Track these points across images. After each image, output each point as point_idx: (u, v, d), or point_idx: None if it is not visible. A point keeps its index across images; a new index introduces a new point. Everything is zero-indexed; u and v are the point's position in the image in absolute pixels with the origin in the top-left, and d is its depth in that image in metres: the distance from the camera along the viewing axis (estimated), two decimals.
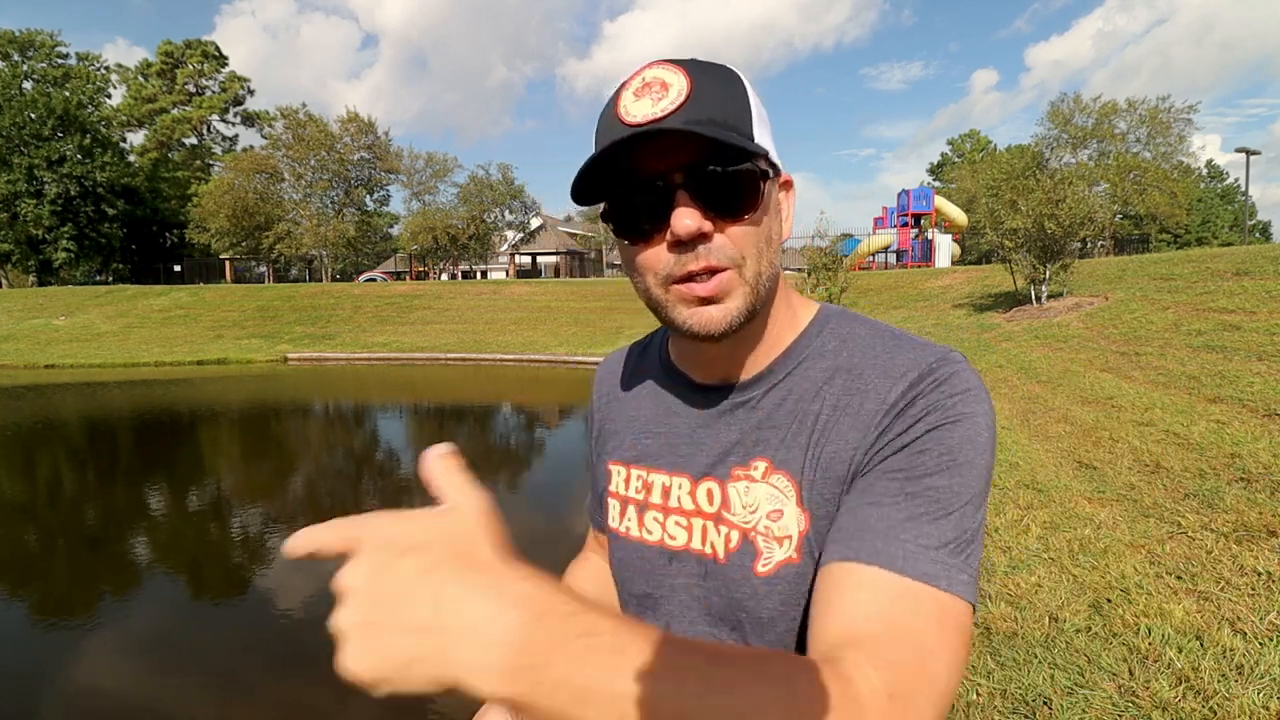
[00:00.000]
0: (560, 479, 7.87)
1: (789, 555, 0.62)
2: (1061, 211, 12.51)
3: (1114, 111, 32.20)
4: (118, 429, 10.83)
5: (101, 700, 3.36)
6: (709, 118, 0.56)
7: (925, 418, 0.58)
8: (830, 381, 0.64)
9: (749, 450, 0.66)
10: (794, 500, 0.62)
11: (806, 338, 0.68)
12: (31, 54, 42.34)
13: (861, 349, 0.65)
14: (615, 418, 0.80)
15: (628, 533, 0.74)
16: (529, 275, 46.17)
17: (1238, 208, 56.25)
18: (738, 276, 0.60)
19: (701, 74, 0.59)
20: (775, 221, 0.64)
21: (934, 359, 0.61)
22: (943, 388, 0.59)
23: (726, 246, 0.59)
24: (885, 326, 0.68)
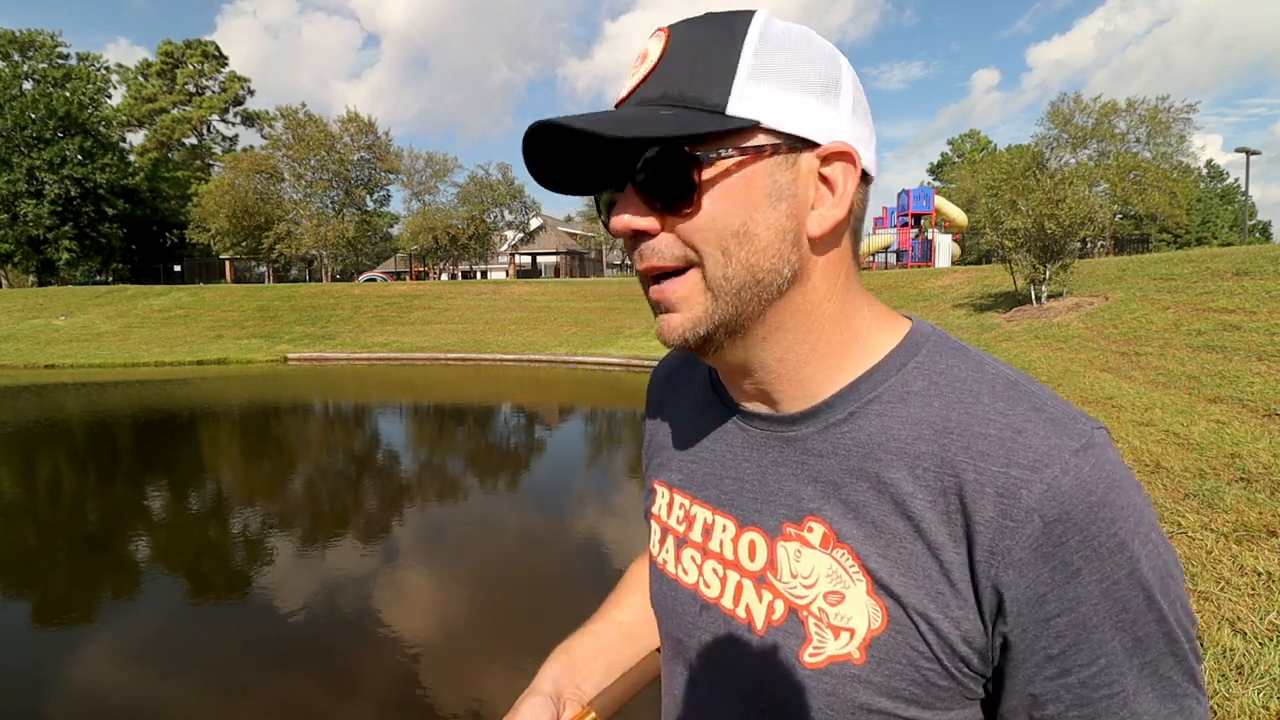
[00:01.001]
0: (561, 479, 7.87)
1: (847, 652, 0.50)
2: (1061, 211, 12.51)
3: (1114, 111, 32.21)
4: (117, 429, 10.82)
5: (102, 697, 3.35)
6: (661, 93, 0.49)
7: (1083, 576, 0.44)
8: (917, 442, 0.50)
9: (800, 505, 0.54)
10: (864, 588, 0.50)
11: (883, 371, 0.54)
12: (32, 54, 42.35)
13: (964, 403, 0.50)
14: (663, 429, 0.72)
15: (664, 566, 0.66)
16: (529, 275, 46.18)
17: (1238, 208, 56.28)
18: (698, 279, 0.51)
19: (685, 34, 0.50)
20: (761, 212, 0.50)
21: (1074, 447, 0.46)
22: (1098, 514, 0.44)
23: (672, 245, 0.51)
24: (995, 367, 0.52)
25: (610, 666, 0.71)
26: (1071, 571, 0.44)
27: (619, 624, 0.76)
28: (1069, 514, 0.44)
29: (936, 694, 0.48)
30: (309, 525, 6.08)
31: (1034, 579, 0.45)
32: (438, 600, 4.60)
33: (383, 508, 6.63)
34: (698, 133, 0.47)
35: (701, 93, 0.48)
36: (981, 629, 0.47)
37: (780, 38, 0.50)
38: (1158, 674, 0.46)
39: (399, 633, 3.99)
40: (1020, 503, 0.45)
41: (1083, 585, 0.44)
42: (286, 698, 3.39)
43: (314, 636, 3.98)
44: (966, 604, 0.47)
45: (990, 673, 0.48)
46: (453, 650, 3.79)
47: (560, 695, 0.66)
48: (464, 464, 8.59)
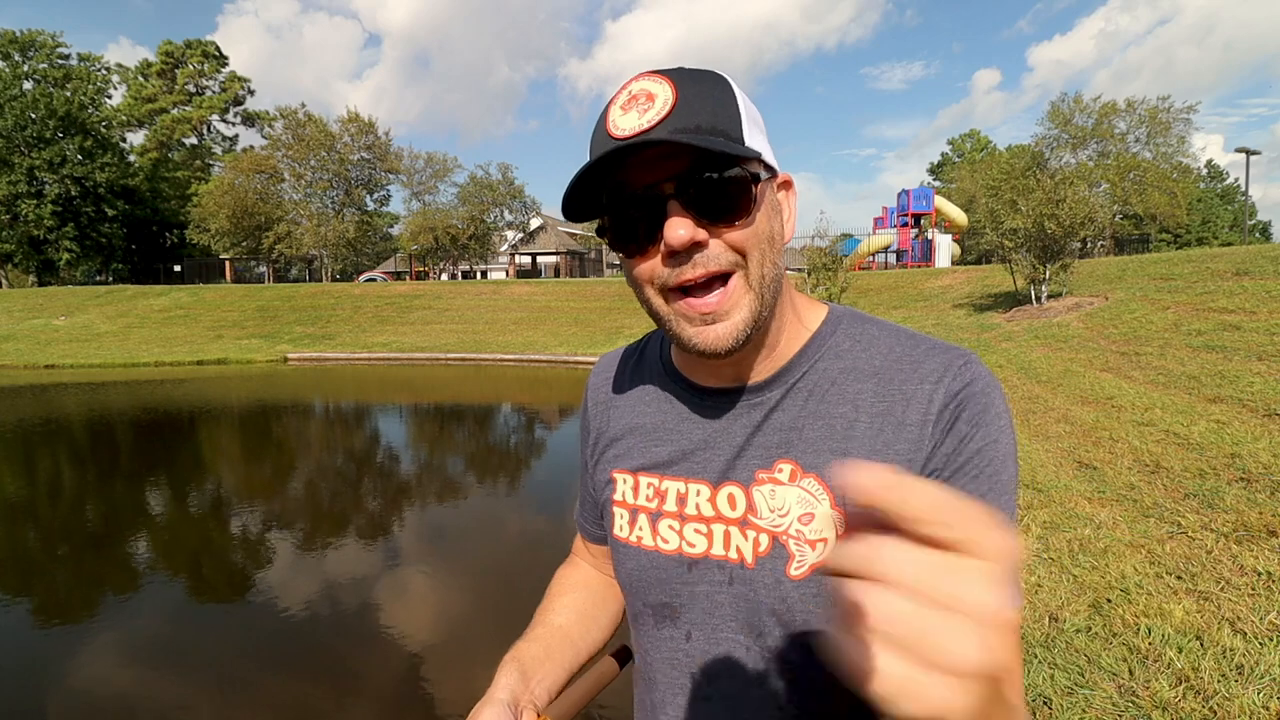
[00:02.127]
0: (560, 479, 7.87)
1: (824, 558, 0.61)
2: (1061, 211, 12.52)
3: (1114, 112, 32.19)
4: (117, 429, 10.83)
5: (103, 697, 3.35)
6: (695, 125, 0.57)
7: (972, 435, 0.60)
8: (856, 384, 0.64)
9: (770, 453, 0.65)
10: (828, 503, 0.61)
11: (819, 338, 0.68)
12: (32, 54, 42.32)
13: (882, 351, 0.65)
14: (615, 424, 0.78)
15: (639, 542, 0.72)
16: (529, 275, 46.15)
17: (1238, 208, 56.25)
18: (742, 282, 0.60)
19: (687, 82, 0.59)
20: (775, 222, 0.63)
21: (959, 362, 0.63)
22: (978, 399, 0.61)
23: (724, 252, 0.59)
24: (895, 326, 0.68)
25: (558, 668, 0.77)
26: (963, 436, 0.60)
27: (558, 628, 0.82)
28: (962, 401, 0.61)
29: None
30: (309, 525, 6.08)
31: (946, 451, 0.60)
32: (436, 600, 4.60)
33: (382, 508, 6.63)
34: (748, 157, 0.58)
35: (727, 128, 0.58)
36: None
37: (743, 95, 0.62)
38: (1010, 511, 0.61)
39: (397, 632, 3.99)
40: (934, 404, 0.61)
41: (971, 443, 0.60)
42: (286, 697, 3.39)
43: (313, 636, 3.98)
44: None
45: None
46: (452, 650, 3.79)
47: (517, 702, 0.71)
48: (464, 464, 8.59)
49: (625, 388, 0.79)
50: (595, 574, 0.90)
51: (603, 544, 0.86)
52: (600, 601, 0.87)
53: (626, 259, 0.63)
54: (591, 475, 0.82)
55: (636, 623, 0.74)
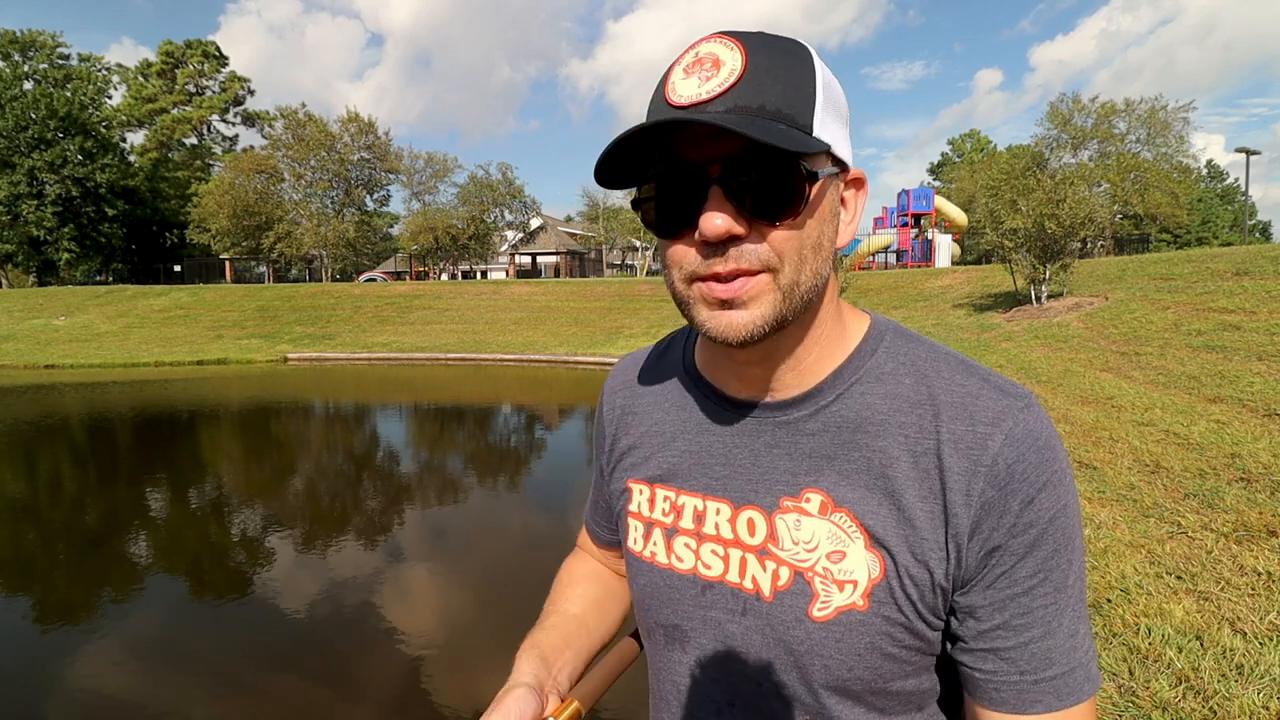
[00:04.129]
0: (560, 478, 7.87)
1: (852, 601, 0.56)
2: (1062, 211, 12.51)
3: (1113, 112, 32.22)
4: (117, 429, 10.83)
5: (103, 696, 3.35)
6: (759, 105, 0.51)
7: (1038, 501, 0.54)
8: (899, 414, 0.58)
9: (798, 479, 0.60)
10: (862, 544, 0.56)
11: (860, 356, 0.61)
12: (33, 54, 42.33)
13: (927, 379, 0.59)
14: (632, 430, 0.73)
15: (653, 558, 0.68)
16: (529, 275, 46.15)
17: (1238, 208, 56.26)
18: (770, 282, 0.54)
19: (761, 51, 0.53)
20: (828, 226, 0.56)
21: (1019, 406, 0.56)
22: (1043, 454, 0.55)
23: (760, 250, 0.53)
24: (944, 350, 0.62)
25: (576, 656, 0.75)
26: (1028, 500, 0.54)
27: (574, 616, 0.80)
28: (1024, 455, 0.54)
29: (924, 626, 0.56)
30: (308, 525, 6.07)
31: (1001, 510, 0.54)
32: (437, 599, 4.60)
33: (382, 508, 6.63)
34: (810, 151, 0.52)
35: (795, 113, 0.52)
36: (958, 561, 0.55)
37: (831, 75, 0.56)
38: (1079, 596, 0.55)
39: (398, 632, 3.99)
40: (986, 451, 0.54)
41: (1036, 510, 0.54)
42: (286, 697, 3.39)
43: (313, 636, 3.98)
44: (943, 544, 0.55)
45: (957, 597, 0.56)
46: (451, 650, 3.79)
47: (541, 686, 0.68)
48: (464, 464, 8.59)
49: (645, 390, 0.75)
50: (599, 566, 0.89)
51: (612, 549, 0.85)
52: (610, 593, 0.85)
53: (659, 237, 0.58)
54: (607, 482, 0.78)
55: (649, 639, 0.71)
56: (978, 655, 0.55)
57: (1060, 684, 0.54)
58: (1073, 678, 0.54)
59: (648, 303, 23.40)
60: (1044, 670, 0.54)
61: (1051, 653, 0.54)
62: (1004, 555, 0.54)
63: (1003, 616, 0.54)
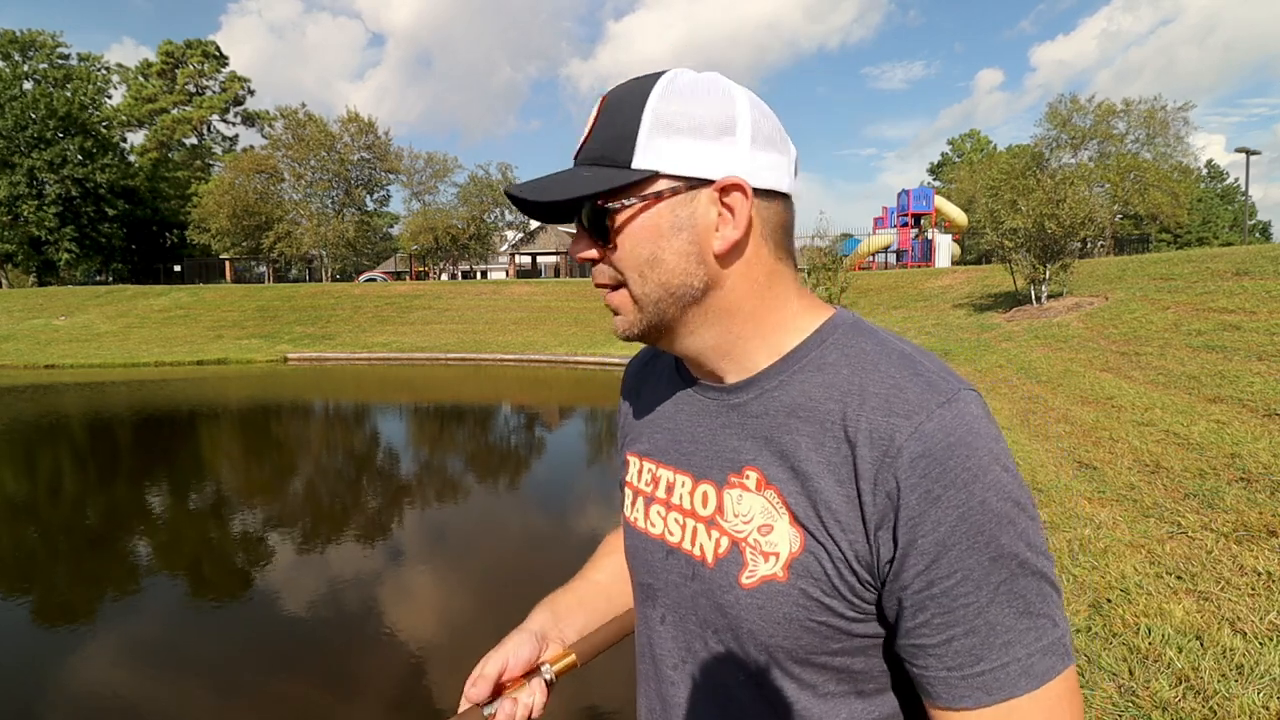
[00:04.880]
0: (559, 478, 7.87)
1: (774, 572, 0.61)
2: (1061, 211, 12.52)
3: (1112, 113, 32.23)
4: (117, 429, 10.82)
5: (104, 696, 3.35)
6: (586, 153, 0.63)
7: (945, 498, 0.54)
8: (830, 402, 0.60)
9: (740, 458, 0.65)
10: (787, 520, 0.61)
11: (807, 347, 0.65)
12: (32, 54, 42.33)
13: (865, 370, 0.61)
14: (634, 410, 0.83)
15: (635, 523, 0.76)
16: (529, 275, 46.14)
17: (1238, 208, 56.26)
18: (627, 294, 0.65)
19: (614, 98, 0.62)
20: (668, 241, 0.61)
21: (939, 400, 0.56)
22: (953, 450, 0.54)
23: (605, 270, 0.65)
24: (897, 345, 0.63)
25: (589, 617, 0.85)
26: (933, 498, 0.54)
27: (596, 583, 0.90)
28: (930, 450, 0.55)
29: (842, 604, 0.59)
30: (309, 525, 6.08)
31: (904, 505, 0.55)
32: (436, 599, 4.60)
33: (382, 508, 6.63)
34: (606, 189, 0.60)
35: (614, 152, 0.60)
36: (868, 550, 0.57)
37: (678, 93, 0.60)
38: (1012, 591, 0.54)
39: (396, 631, 3.99)
40: (894, 443, 0.55)
41: (942, 509, 0.54)
42: (286, 697, 3.39)
43: (312, 636, 3.98)
44: (855, 530, 0.57)
45: (876, 586, 0.58)
46: (451, 650, 3.79)
47: (545, 636, 0.80)
48: (464, 464, 8.59)
49: (649, 376, 0.84)
50: None
51: None
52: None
53: None
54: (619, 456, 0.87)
55: (635, 595, 0.79)
56: (909, 650, 0.58)
57: (989, 679, 0.54)
58: (1005, 673, 0.54)
59: None
60: (971, 667, 0.55)
61: (977, 649, 0.54)
62: (914, 553, 0.55)
63: (924, 615, 0.56)
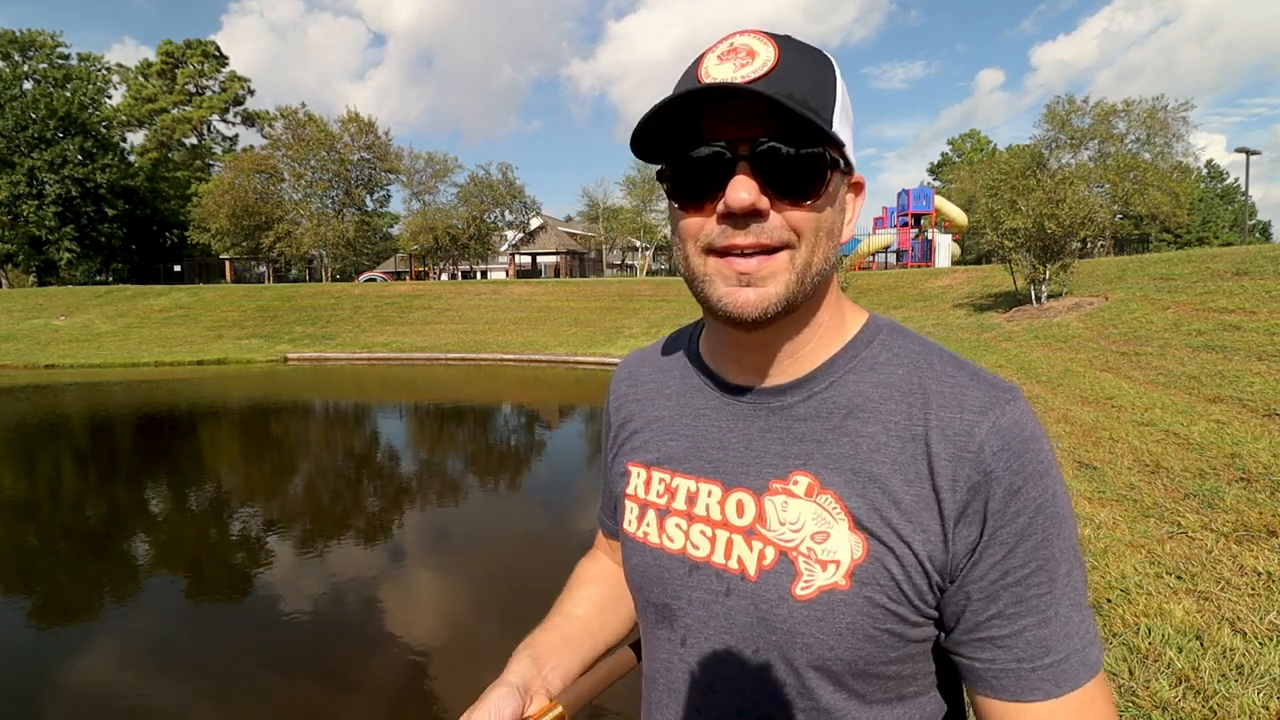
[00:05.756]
0: (559, 478, 7.87)
1: (834, 581, 0.57)
2: (1061, 211, 12.51)
3: (1112, 113, 32.23)
4: (117, 429, 10.82)
5: (104, 696, 3.35)
6: (789, 94, 0.54)
7: (1024, 490, 0.55)
8: (888, 403, 0.60)
9: (787, 462, 0.61)
10: (846, 525, 0.58)
11: (854, 347, 0.64)
12: (32, 54, 42.28)
13: (920, 369, 0.61)
14: (636, 417, 0.76)
15: (645, 538, 0.70)
16: (529, 275, 46.13)
17: (1238, 208, 56.27)
18: (787, 260, 0.57)
19: (792, 49, 0.57)
20: (838, 217, 0.61)
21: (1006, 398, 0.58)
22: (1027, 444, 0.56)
23: (781, 227, 0.56)
24: (937, 346, 0.64)
25: (574, 658, 0.77)
26: (1014, 490, 0.55)
27: (577, 618, 0.82)
28: (1009, 445, 0.56)
29: (908, 609, 0.57)
30: (309, 525, 6.07)
31: (985, 498, 0.55)
32: (435, 599, 4.60)
33: (382, 508, 6.63)
34: (835, 140, 0.56)
35: (821, 108, 0.56)
36: (943, 548, 0.56)
37: (842, 81, 0.60)
38: (1072, 582, 0.56)
39: (396, 632, 3.99)
40: (973, 438, 0.56)
41: (1022, 501, 0.55)
42: (287, 697, 3.39)
43: (312, 635, 3.98)
44: (931, 528, 0.56)
45: (948, 585, 0.57)
46: (451, 650, 3.79)
47: (528, 688, 0.71)
48: (464, 464, 8.59)
49: (649, 379, 0.78)
50: (615, 567, 0.89)
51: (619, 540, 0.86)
52: (619, 595, 0.85)
53: (679, 210, 0.60)
54: (609, 468, 0.80)
55: (642, 618, 0.73)
56: (974, 644, 0.57)
57: (1058, 670, 0.55)
58: (1068, 664, 0.55)
59: (647, 303, 23.41)
60: (1041, 658, 0.55)
61: (1047, 640, 0.55)
62: (994, 544, 0.55)
63: (997, 606, 0.55)
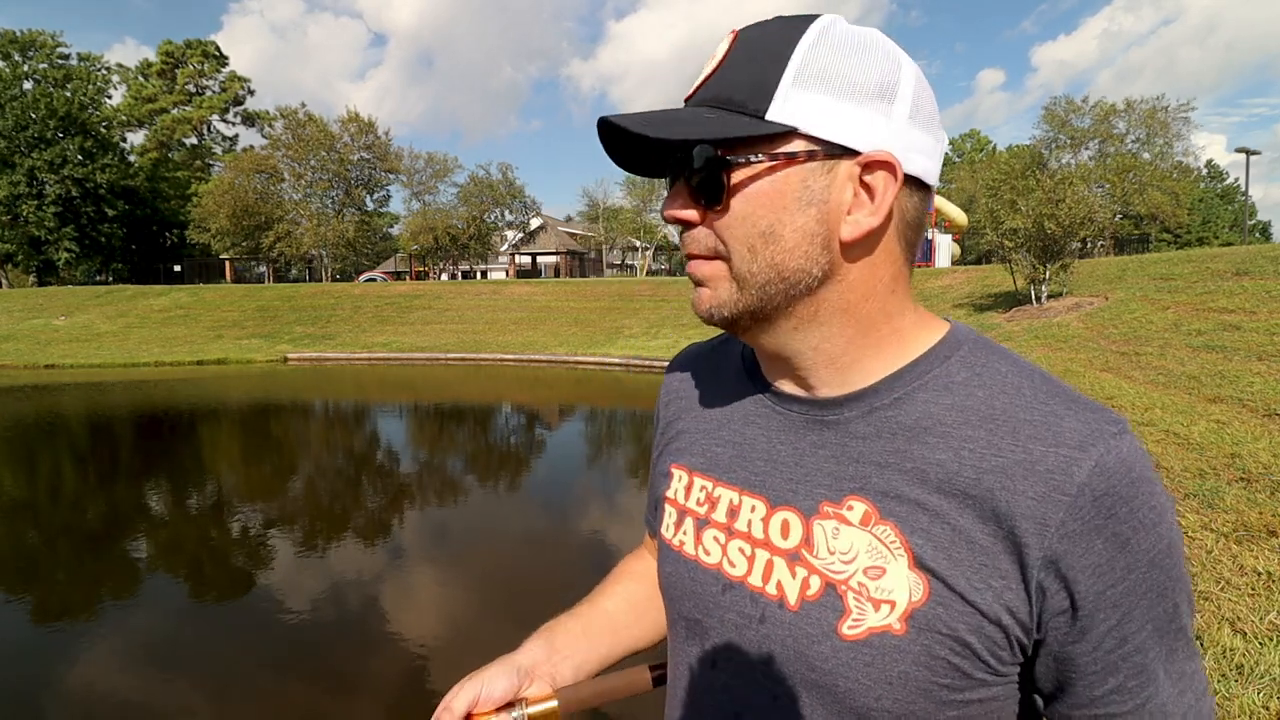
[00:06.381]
0: (561, 479, 7.87)
1: (887, 623, 0.51)
2: (1061, 211, 12.51)
3: (1112, 113, 32.26)
4: (117, 429, 10.82)
5: (104, 697, 3.35)
6: (714, 94, 0.52)
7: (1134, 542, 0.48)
8: (964, 428, 0.52)
9: (842, 484, 0.55)
10: (905, 563, 0.51)
11: (927, 361, 0.56)
12: (32, 54, 42.29)
13: (1007, 394, 0.53)
14: (684, 416, 0.72)
15: (681, 547, 0.65)
16: (529, 275, 46.13)
17: (1238, 208, 56.28)
18: (724, 269, 0.55)
19: (750, 39, 0.52)
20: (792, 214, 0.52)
21: (1112, 431, 0.49)
22: (1137, 487, 0.48)
23: (705, 237, 0.55)
24: (1029, 365, 0.56)
25: (590, 650, 0.74)
26: (1122, 542, 0.48)
27: (606, 612, 0.79)
28: (1115, 488, 0.48)
29: (974, 665, 0.50)
30: (308, 525, 6.07)
31: (1085, 549, 0.48)
32: (435, 599, 4.59)
33: (383, 508, 6.63)
34: (729, 137, 0.50)
35: (746, 97, 0.51)
36: (1025, 600, 0.49)
37: (835, 44, 0.51)
38: (1186, 638, 0.51)
39: (397, 632, 3.99)
40: (1071, 478, 0.48)
41: (1132, 555, 0.48)
42: (288, 697, 3.39)
43: (312, 636, 3.98)
44: (1009, 576, 0.49)
45: (1031, 644, 0.51)
46: (449, 650, 3.79)
47: (532, 671, 0.69)
48: (464, 464, 8.59)
49: (701, 376, 0.73)
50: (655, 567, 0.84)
51: None
52: (654, 596, 0.80)
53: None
54: (654, 466, 0.76)
55: (671, 629, 0.69)
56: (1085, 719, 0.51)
57: None
58: None
59: (647, 303, 23.40)
60: None
61: (1167, 706, 0.50)
62: (1104, 608, 0.48)
63: (1117, 679, 0.49)
